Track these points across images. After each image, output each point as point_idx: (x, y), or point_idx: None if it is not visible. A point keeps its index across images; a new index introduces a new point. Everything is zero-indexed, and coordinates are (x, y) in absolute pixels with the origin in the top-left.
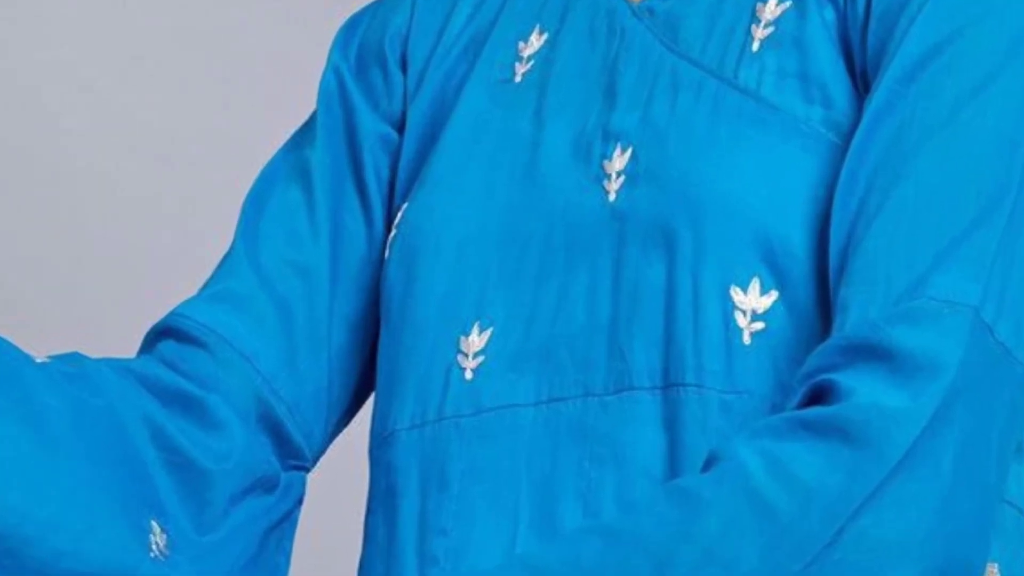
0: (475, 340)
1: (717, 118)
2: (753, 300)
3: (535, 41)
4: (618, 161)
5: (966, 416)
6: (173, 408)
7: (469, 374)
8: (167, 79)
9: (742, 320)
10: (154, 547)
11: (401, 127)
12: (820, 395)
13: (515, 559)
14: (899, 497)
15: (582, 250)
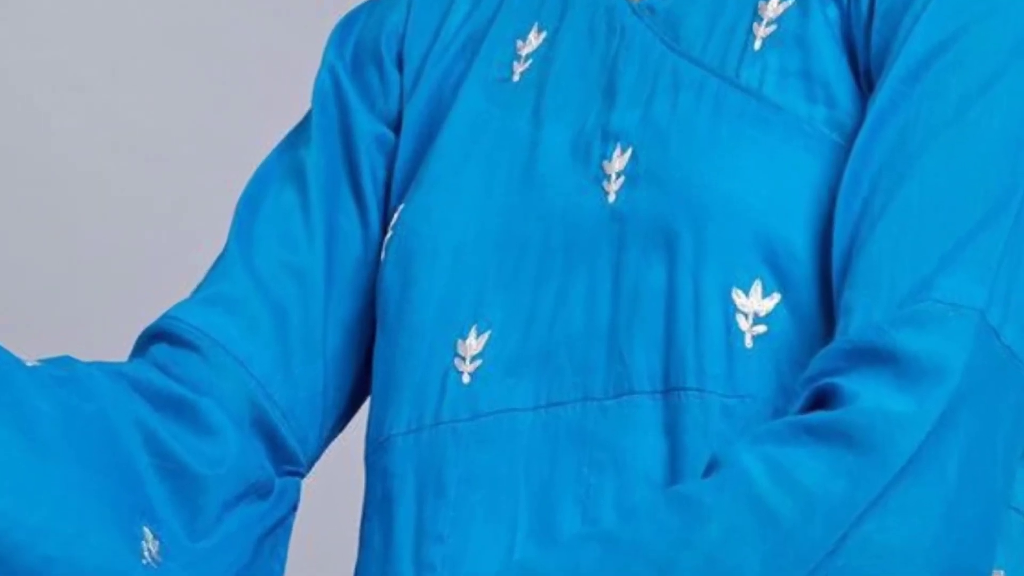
0: (472, 344)
1: (718, 118)
2: (755, 303)
3: (533, 40)
4: (618, 161)
5: (971, 421)
6: (166, 412)
7: (466, 378)
8: (159, 78)
9: (744, 323)
10: (146, 554)
11: (397, 127)
12: (823, 399)
13: (513, 566)
14: (904, 503)
15: (581, 252)
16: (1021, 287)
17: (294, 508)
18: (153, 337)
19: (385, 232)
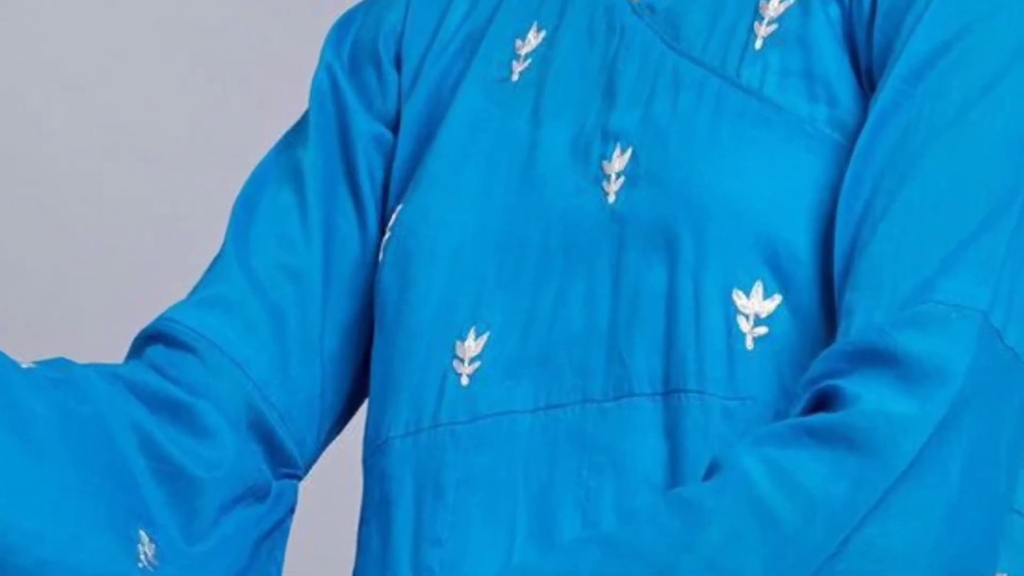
0: (471, 345)
1: (719, 118)
2: (756, 304)
3: (533, 39)
4: (617, 162)
5: (974, 423)
6: (162, 415)
7: (465, 380)
8: (154, 77)
9: (745, 325)
10: (142, 557)
11: (395, 127)
12: (825, 401)
13: (512, 569)
14: (906, 506)
15: (581, 253)
16: None
17: (291, 511)
18: (149, 339)
19: (383, 233)
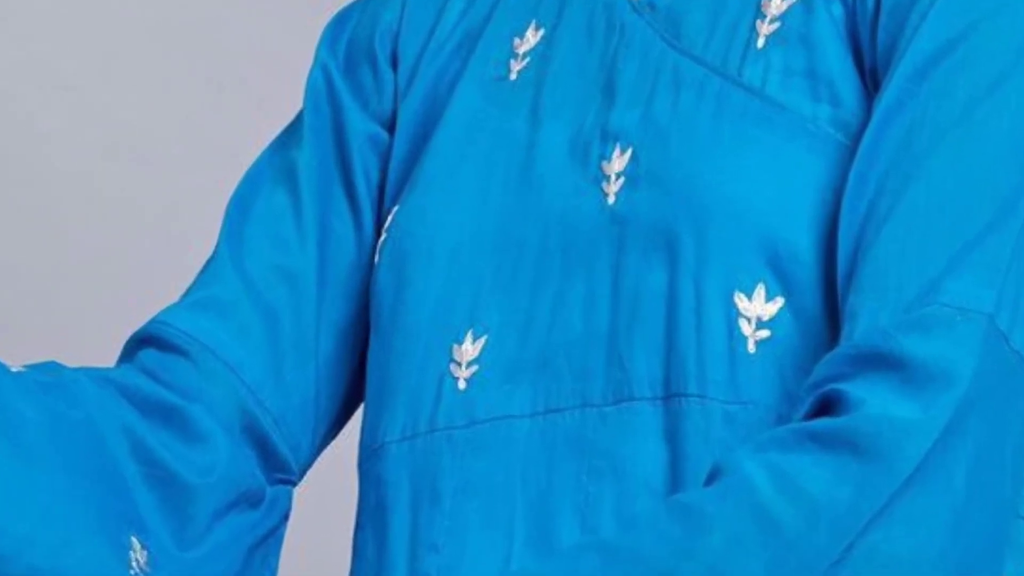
0: (469, 348)
1: (721, 118)
2: (758, 307)
3: (531, 37)
4: (617, 162)
5: (980, 428)
6: (154, 419)
7: (462, 384)
8: (149, 77)
9: (747, 328)
10: (134, 564)
11: (391, 127)
12: (828, 406)
13: None
14: (910, 512)
15: (580, 255)
16: None
17: (286, 517)
18: (141, 342)
19: (379, 234)
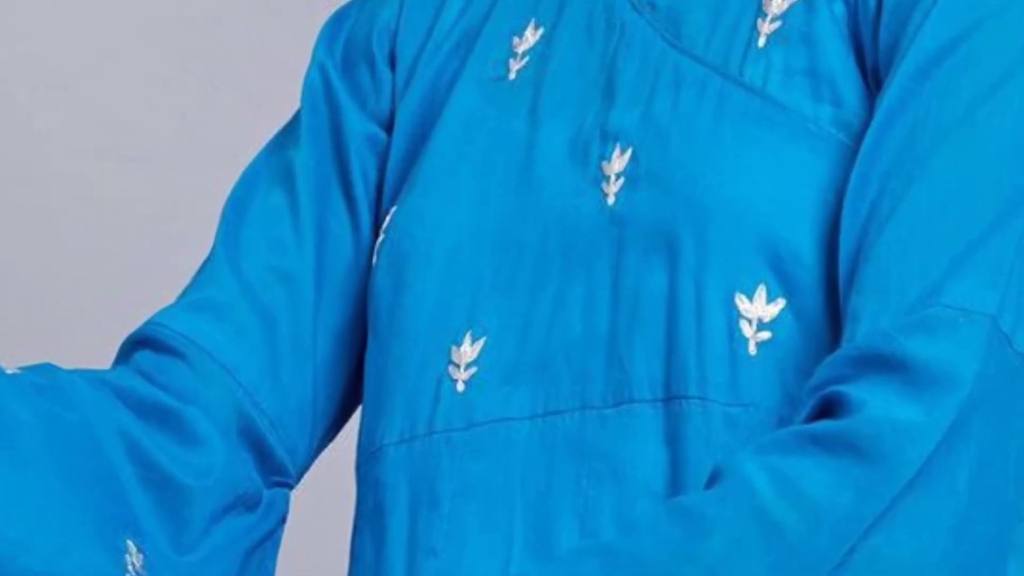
0: (467, 350)
1: (721, 117)
2: (759, 308)
3: (530, 36)
4: (617, 162)
5: (983, 431)
6: (150, 422)
7: (461, 386)
8: (142, 76)
9: (748, 329)
10: (130, 568)
11: (389, 127)
12: (830, 408)
13: None
14: (912, 516)
15: (579, 256)
16: None
17: (283, 520)
18: (137, 344)
19: (377, 235)
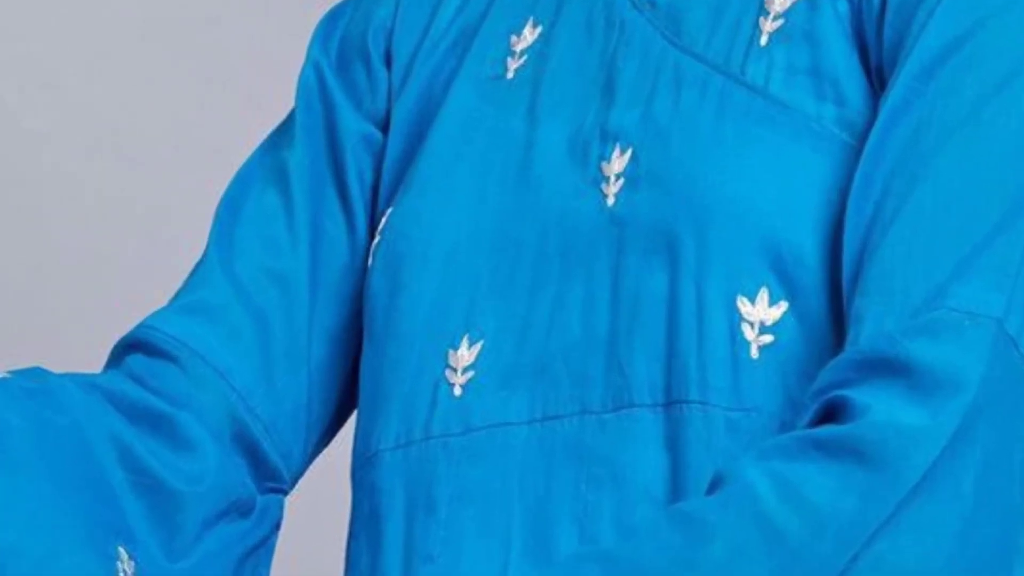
0: (464, 354)
1: (723, 117)
2: (761, 311)
3: (528, 35)
4: (617, 163)
5: (988, 435)
6: (142, 426)
7: (458, 390)
8: (136, 75)
9: (749, 332)
10: (121, 575)
11: (385, 126)
12: (833, 412)
13: None
14: (917, 521)
15: (578, 257)
16: None
17: (277, 527)
18: (129, 347)
19: (372, 236)
